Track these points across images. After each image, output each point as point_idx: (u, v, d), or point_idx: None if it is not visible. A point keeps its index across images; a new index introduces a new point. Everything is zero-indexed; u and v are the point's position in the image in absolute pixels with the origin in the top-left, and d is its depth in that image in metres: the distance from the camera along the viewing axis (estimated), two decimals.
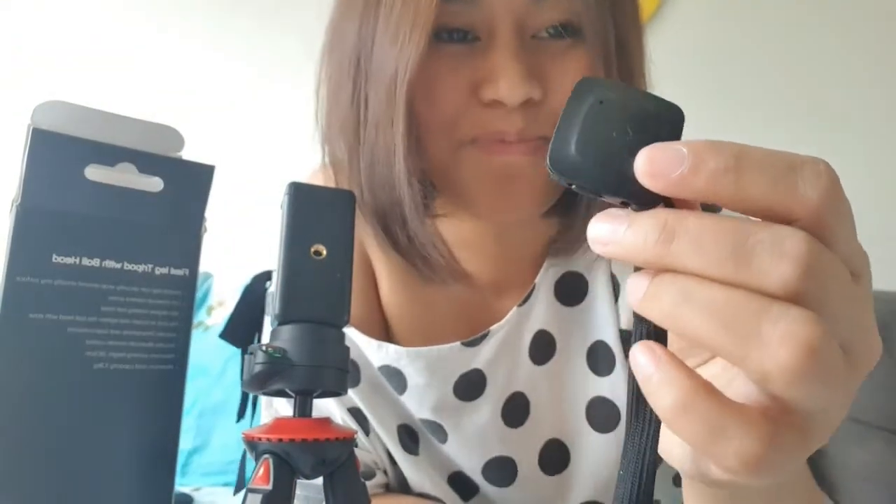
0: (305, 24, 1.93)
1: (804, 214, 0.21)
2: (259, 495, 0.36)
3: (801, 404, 0.22)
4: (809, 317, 0.20)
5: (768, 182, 0.21)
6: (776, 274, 0.20)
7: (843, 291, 0.22)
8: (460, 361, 0.55)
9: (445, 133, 0.46)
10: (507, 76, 0.42)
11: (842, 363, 0.22)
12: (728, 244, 0.20)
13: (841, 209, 0.22)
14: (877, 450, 1.21)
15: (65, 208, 0.37)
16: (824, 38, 1.70)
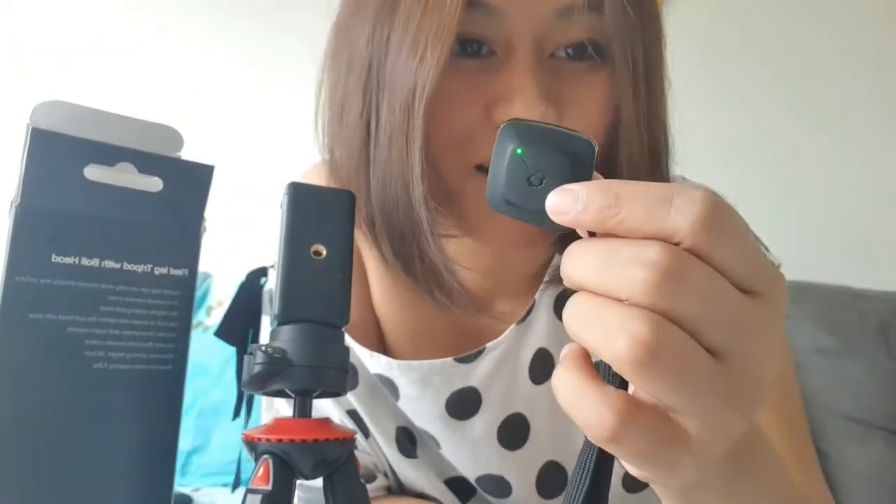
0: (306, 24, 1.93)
1: (681, 238, 0.24)
2: (259, 496, 0.36)
3: (656, 394, 0.24)
4: (649, 316, 0.23)
5: (642, 213, 0.24)
6: (636, 280, 0.23)
7: (714, 300, 0.24)
8: (454, 378, 0.53)
9: (457, 154, 0.44)
10: (524, 96, 0.40)
11: (702, 363, 0.24)
12: (600, 260, 0.25)
13: (721, 230, 0.24)
14: (877, 450, 1.21)
15: (64, 208, 0.37)
16: (824, 38, 1.69)
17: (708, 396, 0.24)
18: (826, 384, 1.28)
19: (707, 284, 0.24)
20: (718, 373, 0.24)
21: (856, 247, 1.62)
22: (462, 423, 0.53)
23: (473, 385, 0.53)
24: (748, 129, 1.69)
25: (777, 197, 1.67)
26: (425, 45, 0.39)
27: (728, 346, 0.24)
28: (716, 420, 0.24)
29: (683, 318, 0.23)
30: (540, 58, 0.42)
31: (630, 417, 0.24)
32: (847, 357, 1.27)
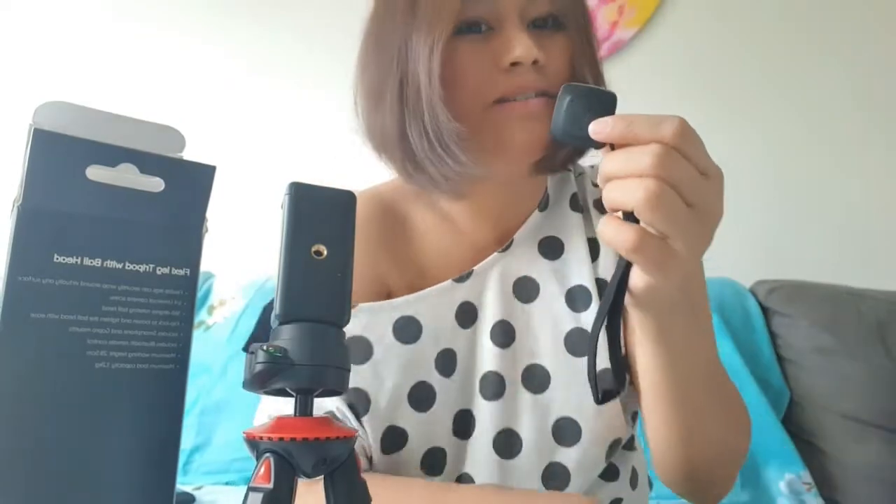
0: (306, 25, 1.93)
1: (667, 142, 0.42)
2: (260, 494, 0.36)
3: (656, 225, 0.42)
4: (655, 180, 0.41)
5: (646, 129, 0.43)
6: (645, 163, 0.42)
7: (687, 175, 0.42)
8: (455, 294, 0.68)
9: (476, 99, 0.61)
10: (521, 43, 0.58)
11: (684, 209, 0.42)
12: (624, 156, 0.43)
13: (689, 138, 0.43)
14: (875, 448, 1.21)
15: (66, 208, 0.37)
16: (823, 38, 1.70)
17: (686, 227, 0.42)
18: (824, 383, 1.28)
19: (682, 166, 0.42)
20: (691, 215, 0.43)
21: (854, 247, 1.62)
22: (467, 331, 0.67)
23: (470, 300, 0.68)
24: (747, 130, 1.69)
25: (775, 197, 1.67)
26: (434, 23, 0.59)
27: (695, 201, 0.43)
28: (689, 241, 0.43)
29: (672, 184, 0.42)
30: (523, 25, 0.61)
31: (644, 236, 0.43)
32: (845, 356, 1.27)
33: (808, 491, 1.18)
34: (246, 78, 1.84)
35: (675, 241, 0.43)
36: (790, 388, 1.31)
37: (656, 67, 1.72)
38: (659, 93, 1.72)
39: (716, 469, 0.64)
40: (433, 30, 0.59)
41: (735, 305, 1.40)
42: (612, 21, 1.70)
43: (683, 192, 0.42)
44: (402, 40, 0.62)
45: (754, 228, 1.66)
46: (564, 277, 0.69)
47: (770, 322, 1.38)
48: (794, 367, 1.32)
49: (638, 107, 1.47)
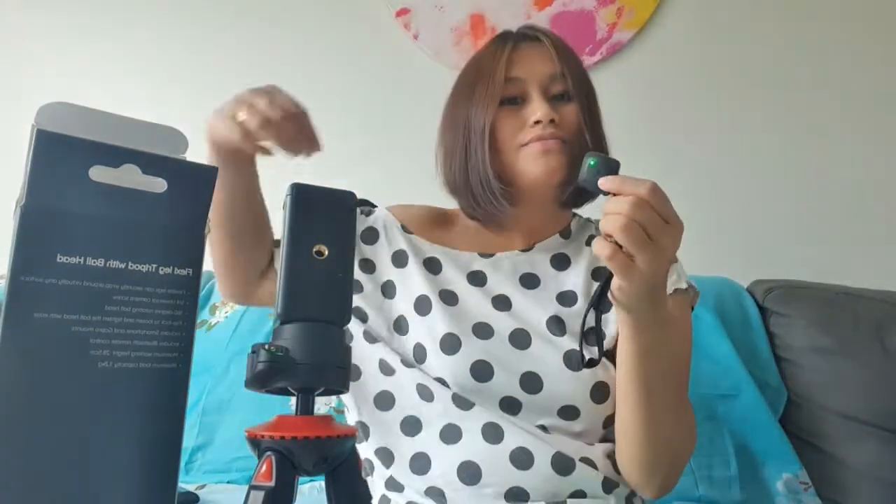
0: (307, 26, 1.92)
1: (641, 194, 0.61)
2: (262, 492, 0.36)
3: (625, 246, 0.61)
4: (627, 217, 0.60)
5: (630, 186, 0.62)
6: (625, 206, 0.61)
7: (650, 218, 0.61)
8: (475, 263, 0.92)
9: (512, 146, 0.88)
10: (542, 108, 0.86)
11: (645, 239, 0.61)
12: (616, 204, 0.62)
13: (657, 195, 0.62)
14: (873, 448, 1.21)
15: (69, 209, 0.37)
16: (821, 38, 1.70)
17: (644, 250, 0.61)
18: (822, 383, 1.28)
19: (648, 212, 0.61)
20: (650, 244, 0.61)
21: (852, 247, 1.62)
22: (476, 289, 0.89)
23: (483, 270, 0.91)
24: (745, 130, 1.69)
25: (774, 197, 1.67)
26: (486, 104, 0.88)
27: (654, 236, 0.61)
28: (646, 260, 0.62)
29: (639, 221, 0.61)
30: (545, 97, 0.88)
31: (616, 251, 0.62)
32: (843, 356, 1.27)
33: (805, 490, 1.18)
34: (247, 78, 1.84)
35: (637, 258, 0.62)
36: (788, 387, 1.31)
37: (655, 69, 1.72)
38: (658, 94, 1.72)
39: (664, 463, 0.78)
40: (486, 112, 0.88)
41: (733, 305, 1.40)
42: (610, 23, 1.71)
43: (646, 228, 0.61)
44: (464, 117, 0.90)
45: (752, 228, 1.66)
46: (562, 284, 0.91)
47: (768, 322, 1.38)
48: (792, 366, 1.32)
49: (637, 107, 1.48)
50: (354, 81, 1.79)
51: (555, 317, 0.86)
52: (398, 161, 1.78)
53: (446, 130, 0.94)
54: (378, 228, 0.94)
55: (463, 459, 0.78)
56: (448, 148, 0.93)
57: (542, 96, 0.87)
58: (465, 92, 0.92)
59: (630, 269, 0.62)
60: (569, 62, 0.90)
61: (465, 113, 0.91)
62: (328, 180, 0.45)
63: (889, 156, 1.66)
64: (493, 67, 0.89)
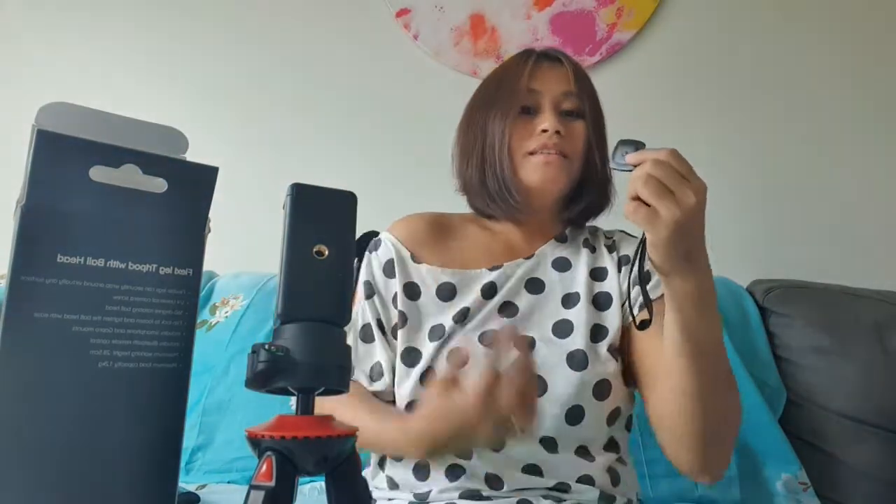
0: (307, 26, 1.92)
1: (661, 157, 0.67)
2: (262, 492, 0.36)
3: (644, 197, 0.66)
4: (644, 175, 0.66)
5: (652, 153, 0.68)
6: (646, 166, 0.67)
7: (668, 173, 0.66)
8: (485, 277, 0.94)
9: (519, 151, 0.94)
10: (550, 119, 0.92)
11: (665, 190, 0.66)
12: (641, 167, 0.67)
13: (676, 157, 0.67)
14: (873, 447, 1.21)
15: (69, 209, 0.37)
16: (820, 39, 1.70)
17: (663, 200, 0.65)
18: (821, 382, 1.28)
19: (666, 168, 0.66)
20: (668, 195, 0.65)
21: (851, 247, 1.62)
22: (488, 301, 0.92)
23: (493, 281, 0.93)
24: (745, 131, 1.69)
25: (773, 198, 1.68)
26: (505, 114, 0.94)
27: (673, 188, 0.65)
28: (666, 209, 0.65)
29: (657, 176, 0.66)
30: (555, 111, 0.94)
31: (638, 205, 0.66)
32: (842, 356, 1.27)
33: (805, 490, 1.19)
34: (248, 78, 1.85)
35: (659, 209, 0.66)
36: (787, 387, 1.31)
37: (654, 69, 1.72)
38: (657, 94, 1.72)
39: (718, 437, 0.79)
40: (505, 117, 0.94)
41: (732, 305, 1.40)
42: (610, 23, 1.71)
43: (665, 182, 0.66)
44: (484, 121, 0.97)
45: (752, 228, 1.66)
46: (566, 285, 0.94)
47: (767, 322, 1.38)
48: (792, 366, 1.32)
49: (636, 107, 1.48)
50: (354, 81, 1.79)
51: (561, 320, 0.89)
52: (398, 161, 1.79)
53: (465, 133, 1.00)
54: (394, 260, 0.95)
55: None
56: (465, 149, 0.99)
57: (554, 110, 0.94)
58: (487, 99, 0.99)
59: (653, 218, 0.66)
60: (583, 85, 0.97)
61: (484, 117, 0.97)
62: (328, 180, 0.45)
63: (889, 156, 1.66)
64: (517, 78, 0.96)
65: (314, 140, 1.80)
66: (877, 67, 1.69)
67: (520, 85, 0.95)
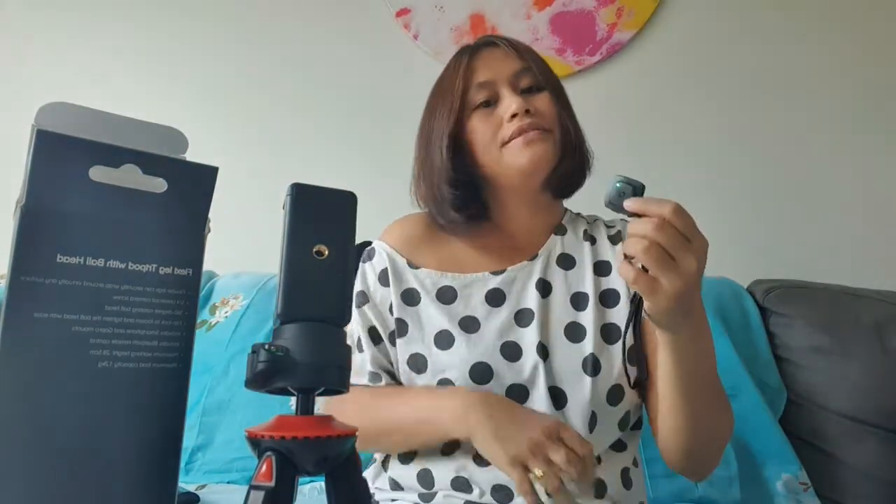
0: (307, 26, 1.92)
1: (665, 215, 0.63)
2: (262, 492, 0.36)
3: (647, 267, 0.63)
4: (650, 240, 0.62)
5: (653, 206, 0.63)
6: (648, 229, 0.63)
7: (673, 239, 0.62)
8: (489, 282, 0.90)
9: (492, 146, 0.89)
10: (515, 101, 0.87)
11: (668, 260, 0.63)
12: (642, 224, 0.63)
13: (680, 215, 0.63)
14: (873, 447, 1.21)
15: (69, 209, 0.37)
16: (820, 39, 1.70)
17: (667, 271, 0.63)
18: (822, 382, 1.28)
19: (671, 233, 0.62)
20: (672, 264, 0.63)
21: (851, 247, 1.62)
22: (494, 309, 0.88)
23: (500, 287, 0.90)
24: (745, 131, 1.69)
25: (773, 198, 1.68)
26: (445, 113, 0.91)
27: (676, 256, 0.63)
28: (669, 280, 0.63)
29: (660, 243, 0.62)
30: (516, 92, 0.89)
31: (639, 273, 0.63)
32: (842, 356, 1.27)
33: (805, 490, 1.19)
34: (248, 78, 1.85)
35: (661, 279, 0.63)
36: (788, 387, 1.31)
37: (654, 69, 1.72)
38: (657, 94, 1.72)
39: (708, 449, 0.82)
40: (445, 122, 0.90)
41: (733, 305, 1.40)
42: (610, 23, 1.71)
43: (668, 249, 0.62)
44: (428, 132, 0.93)
45: (752, 229, 1.66)
46: (572, 284, 0.91)
47: (768, 322, 1.38)
48: (792, 366, 1.32)
49: (636, 107, 1.48)
50: (354, 81, 1.79)
51: (572, 323, 0.87)
52: (398, 161, 1.79)
53: (416, 151, 0.97)
54: (388, 268, 0.92)
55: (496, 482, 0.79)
56: (416, 167, 0.97)
57: (513, 91, 0.89)
58: (428, 111, 0.96)
59: (655, 290, 0.63)
60: (531, 57, 0.92)
61: (428, 128, 0.94)
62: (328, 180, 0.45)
63: (889, 156, 1.66)
64: (453, 80, 0.92)
65: (314, 140, 1.80)
66: (877, 67, 1.69)
67: (458, 85, 0.90)
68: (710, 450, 0.83)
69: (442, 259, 0.93)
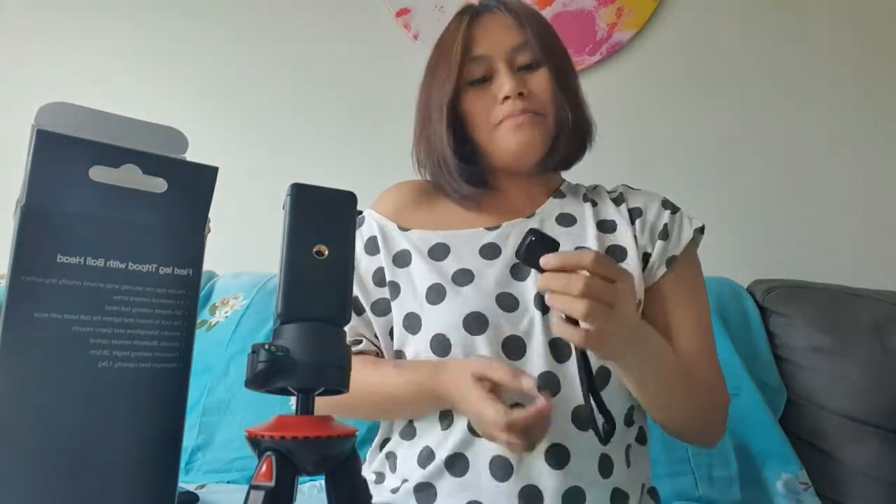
0: (307, 26, 1.92)
1: (587, 266, 0.63)
2: (262, 492, 0.36)
3: (593, 325, 0.64)
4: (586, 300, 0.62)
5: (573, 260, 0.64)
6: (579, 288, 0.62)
7: (603, 289, 0.63)
8: (484, 237, 0.89)
9: (486, 126, 0.88)
10: (509, 83, 0.85)
11: (607, 311, 0.63)
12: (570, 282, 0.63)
13: (600, 263, 0.64)
14: (873, 447, 1.21)
15: (69, 209, 0.37)
16: (820, 39, 1.70)
17: (609, 319, 0.64)
18: (822, 382, 1.28)
19: (600, 285, 0.63)
20: (611, 311, 0.64)
21: (851, 247, 1.62)
22: (489, 262, 0.86)
23: (495, 241, 0.88)
24: (745, 131, 1.69)
25: (773, 197, 1.67)
26: (444, 81, 0.89)
27: (611, 302, 0.64)
28: (614, 325, 0.65)
29: (595, 297, 0.62)
30: (511, 71, 0.87)
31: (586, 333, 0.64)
32: (842, 356, 1.27)
33: (805, 490, 1.19)
34: (248, 78, 1.84)
35: (605, 328, 0.64)
36: (788, 387, 1.31)
37: (654, 69, 1.72)
38: (657, 94, 1.72)
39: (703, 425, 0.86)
40: (443, 90, 0.88)
41: (733, 305, 1.40)
42: (610, 23, 1.71)
43: (604, 300, 0.63)
44: (427, 98, 0.92)
45: (752, 228, 1.66)
46: (575, 240, 0.89)
47: (767, 322, 1.38)
48: (792, 366, 1.32)
49: (636, 107, 1.48)
50: (354, 81, 1.79)
51: None
52: (398, 160, 1.78)
53: (417, 113, 0.96)
54: (377, 236, 0.91)
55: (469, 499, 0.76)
56: (417, 129, 0.96)
57: (509, 69, 0.86)
58: (429, 73, 0.94)
59: (603, 339, 0.65)
60: (532, 27, 0.88)
61: (428, 94, 0.92)
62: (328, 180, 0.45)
63: (889, 155, 1.66)
64: (451, 44, 0.89)
65: (314, 140, 1.80)
66: (877, 67, 1.69)
67: (456, 50, 0.87)
68: (706, 424, 0.85)
69: (436, 218, 0.93)
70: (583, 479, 0.76)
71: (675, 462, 1.19)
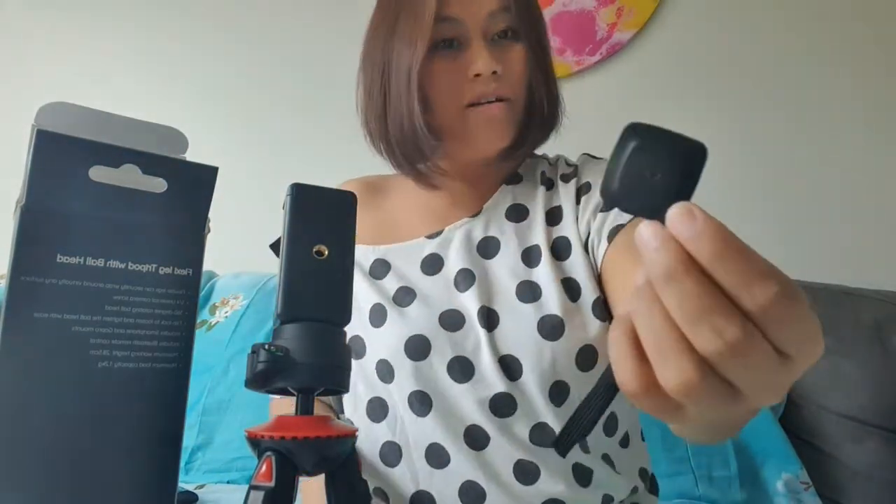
0: (307, 25, 1.92)
1: (749, 311, 0.27)
2: (262, 492, 0.36)
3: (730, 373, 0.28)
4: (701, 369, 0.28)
5: (736, 280, 0.27)
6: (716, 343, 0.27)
7: (762, 366, 0.27)
8: (425, 248, 0.82)
9: (452, 102, 0.76)
10: (482, 59, 0.73)
11: (774, 358, 0.28)
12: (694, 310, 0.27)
13: (785, 311, 0.27)
14: (872, 447, 1.21)
15: (69, 209, 0.37)
16: (820, 39, 1.70)
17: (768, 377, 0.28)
18: (821, 382, 1.28)
19: (759, 358, 0.27)
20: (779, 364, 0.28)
21: (850, 247, 1.62)
22: (432, 276, 0.80)
23: (437, 252, 0.81)
24: (745, 131, 1.69)
25: (773, 198, 1.67)
26: (414, 41, 0.74)
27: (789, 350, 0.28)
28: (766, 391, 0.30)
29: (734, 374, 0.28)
30: (485, 40, 0.75)
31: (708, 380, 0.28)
32: (842, 356, 1.27)
33: (805, 490, 1.19)
34: (248, 78, 1.85)
35: (746, 390, 0.29)
36: None
37: (654, 69, 1.72)
38: (657, 94, 1.72)
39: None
40: (411, 50, 0.74)
41: None
42: (610, 23, 1.71)
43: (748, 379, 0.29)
44: (385, 58, 0.78)
45: (751, 228, 1.65)
46: (524, 237, 0.80)
47: None
48: None
49: (636, 107, 1.47)
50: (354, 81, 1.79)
51: (524, 282, 0.76)
52: None
53: (364, 68, 0.83)
54: None
55: None
56: (366, 90, 0.82)
57: (484, 39, 0.75)
58: (386, 26, 0.79)
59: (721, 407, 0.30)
60: None
61: (385, 52, 0.78)
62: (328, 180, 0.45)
63: (889, 156, 1.66)
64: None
65: (314, 140, 1.80)
66: (877, 67, 1.69)
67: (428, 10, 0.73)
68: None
69: (377, 226, 0.86)
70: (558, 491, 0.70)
71: (675, 462, 1.19)
